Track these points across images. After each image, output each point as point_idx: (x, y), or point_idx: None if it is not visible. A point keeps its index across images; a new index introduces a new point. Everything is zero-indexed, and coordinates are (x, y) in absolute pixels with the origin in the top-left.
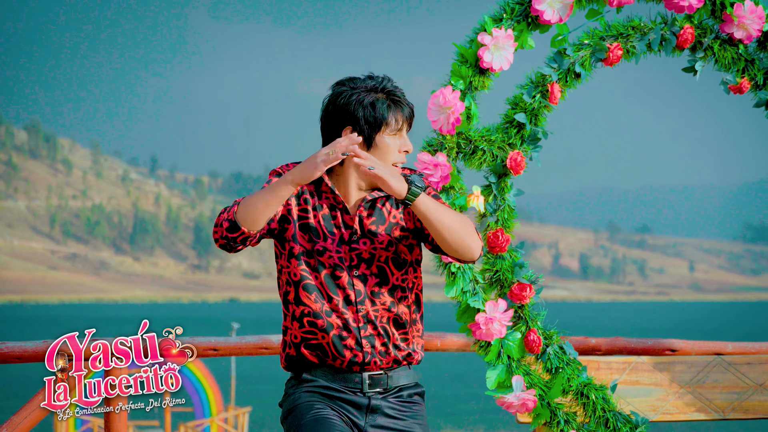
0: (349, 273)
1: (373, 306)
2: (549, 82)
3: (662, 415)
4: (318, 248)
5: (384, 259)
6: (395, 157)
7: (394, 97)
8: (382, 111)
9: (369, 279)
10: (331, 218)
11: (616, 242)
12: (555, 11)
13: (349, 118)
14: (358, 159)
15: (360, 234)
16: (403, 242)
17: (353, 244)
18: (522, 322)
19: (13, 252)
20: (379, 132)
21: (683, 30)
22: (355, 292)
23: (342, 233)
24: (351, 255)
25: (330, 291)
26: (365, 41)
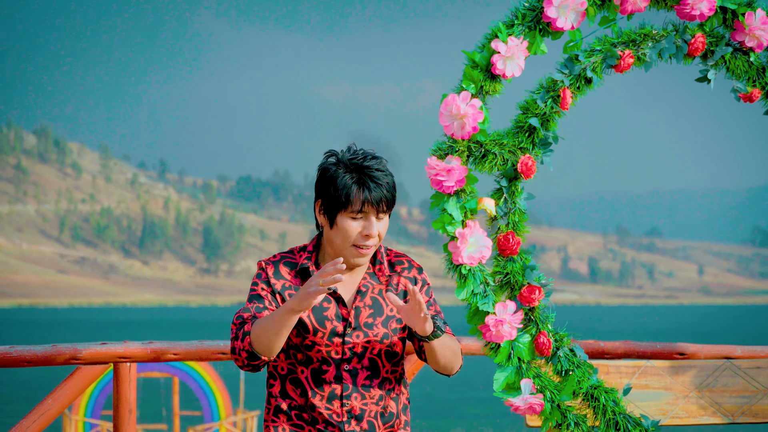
0: (339, 367)
1: (362, 401)
2: (560, 88)
3: (672, 418)
4: (307, 343)
5: (377, 352)
6: (354, 240)
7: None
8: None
9: (360, 373)
10: (323, 310)
11: (625, 246)
12: (567, 19)
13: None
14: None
15: (354, 327)
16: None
17: (347, 337)
18: (532, 325)
19: (23, 256)
20: (340, 212)
21: (694, 38)
22: (342, 387)
23: (335, 326)
24: (344, 348)
25: (315, 386)
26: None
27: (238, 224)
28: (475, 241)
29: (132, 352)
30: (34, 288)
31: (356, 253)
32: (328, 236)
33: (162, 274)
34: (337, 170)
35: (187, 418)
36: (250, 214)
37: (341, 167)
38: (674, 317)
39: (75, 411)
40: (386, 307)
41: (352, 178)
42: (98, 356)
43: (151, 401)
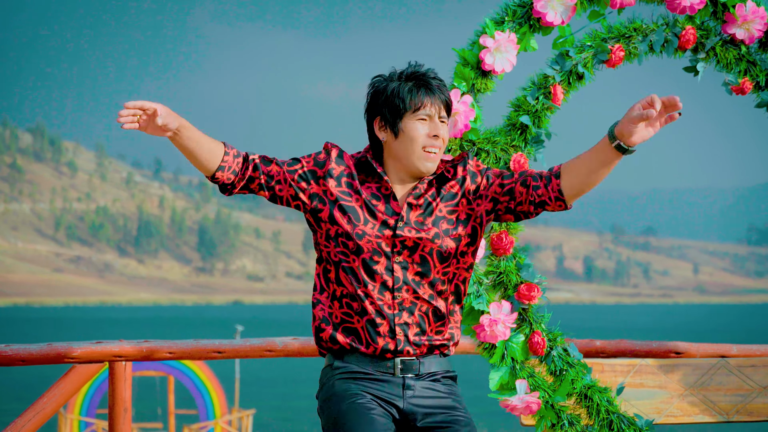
0: (389, 259)
1: (413, 294)
2: (552, 84)
3: (666, 417)
4: (357, 232)
5: (428, 250)
6: (423, 141)
7: (419, 81)
8: (403, 95)
9: (410, 267)
10: (373, 205)
11: (620, 244)
12: (557, 14)
13: (376, 110)
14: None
15: (405, 221)
16: (450, 235)
17: (398, 230)
18: (526, 324)
19: (18, 254)
20: (402, 118)
21: (685, 31)
22: (393, 279)
23: (386, 218)
24: (394, 241)
25: (366, 276)
26: (370, 44)
27: (233, 223)
28: None
29: (127, 350)
30: (29, 287)
31: (425, 158)
32: (393, 151)
33: (157, 273)
34: (391, 83)
35: (182, 417)
36: (246, 213)
37: (395, 80)
38: (669, 316)
39: (70, 410)
40: (436, 208)
41: (410, 82)
42: (93, 355)
43: (146, 400)
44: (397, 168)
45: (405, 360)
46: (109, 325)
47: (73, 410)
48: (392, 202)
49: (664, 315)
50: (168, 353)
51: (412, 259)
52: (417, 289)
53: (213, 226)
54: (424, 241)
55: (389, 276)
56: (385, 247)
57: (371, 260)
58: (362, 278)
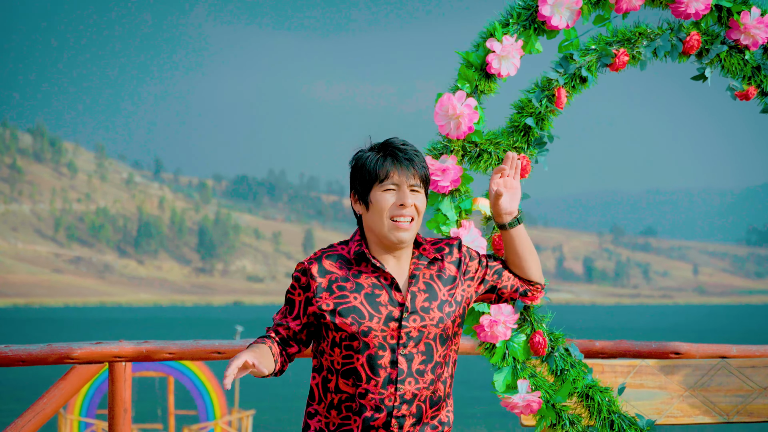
0: (394, 352)
1: (416, 385)
2: (555, 87)
3: (667, 418)
4: (363, 329)
5: (432, 336)
6: (391, 212)
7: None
8: (370, 167)
9: (415, 357)
10: (376, 296)
11: (620, 245)
12: (562, 17)
13: (353, 182)
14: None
15: (410, 311)
16: (451, 318)
17: (403, 321)
18: (527, 324)
19: (18, 255)
20: (371, 190)
21: (690, 36)
22: (397, 371)
23: (390, 311)
24: (400, 333)
25: (370, 372)
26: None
27: (233, 224)
28: (470, 240)
29: (127, 351)
30: (29, 287)
31: (395, 227)
32: (368, 223)
33: (157, 274)
34: (363, 155)
35: (182, 418)
36: (246, 213)
37: (368, 152)
38: (669, 316)
39: (70, 410)
40: (439, 291)
41: (379, 153)
42: (93, 355)
43: (146, 400)
44: (375, 242)
45: None
46: (109, 325)
47: (73, 411)
48: (394, 292)
49: (664, 316)
50: (168, 354)
51: (417, 349)
52: (419, 379)
53: (213, 227)
54: (428, 328)
55: (393, 369)
56: (390, 339)
57: (376, 355)
58: (365, 376)
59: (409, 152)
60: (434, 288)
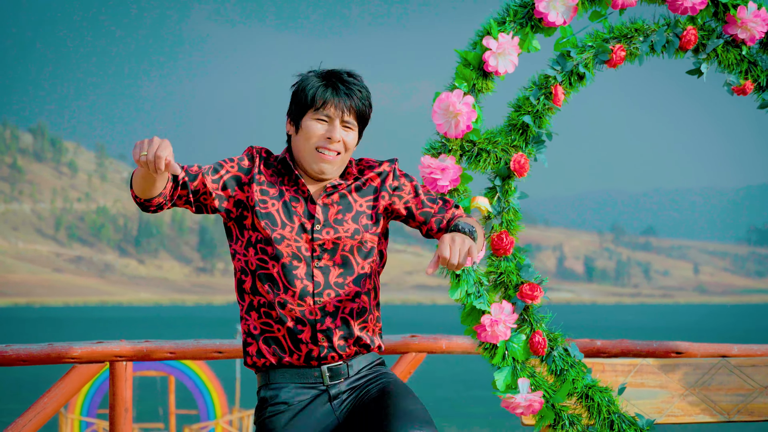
0: (309, 264)
1: (336, 297)
2: (552, 84)
3: (667, 417)
4: (276, 236)
5: (349, 248)
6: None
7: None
8: (312, 91)
9: (332, 270)
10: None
11: (620, 245)
12: (558, 14)
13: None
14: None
15: (323, 223)
16: (370, 231)
17: (315, 233)
18: (527, 324)
19: (18, 255)
20: (304, 115)
21: (686, 31)
22: (314, 284)
23: (303, 221)
24: (313, 245)
25: (287, 281)
26: (370, 45)
27: None
28: None
29: (128, 350)
30: (29, 287)
31: (319, 158)
32: (294, 146)
33: (158, 273)
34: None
35: (183, 417)
36: None
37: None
38: (670, 316)
39: (71, 410)
40: (355, 203)
41: (321, 81)
42: (94, 355)
43: (147, 400)
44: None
45: (331, 366)
46: (110, 325)
47: (74, 410)
48: (309, 204)
49: (665, 315)
50: (168, 353)
51: (333, 262)
52: (340, 291)
53: (213, 226)
54: (343, 240)
55: (309, 281)
56: (305, 251)
57: (291, 264)
58: (282, 284)
59: (351, 86)
60: (349, 200)
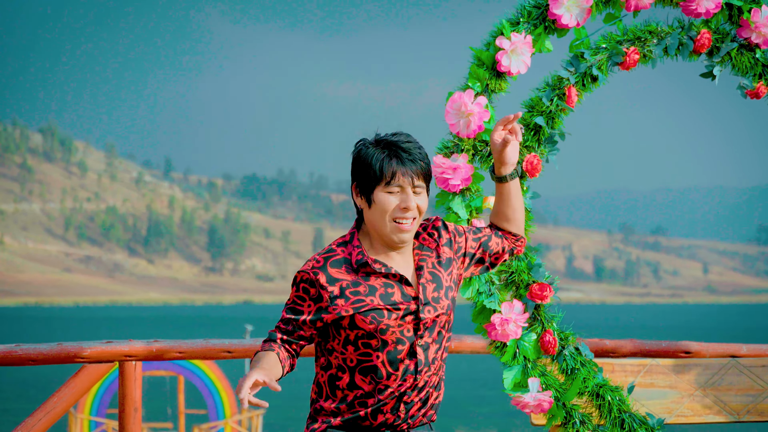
0: (412, 343)
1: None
2: (566, 86)
3: (677, 417)
4: (381, 327)
5: (443, 323)
6: (393, 213)
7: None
8: (378, 165)
9: (431, 346)
10: (389, 295)
11: (630, 244)
12: (572, 15)
13: (356, 175)
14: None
15: (424, 302)
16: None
17: (420, 314)
18: (538, 323)
19: (28, 254)
20: (376, 188)
21: (700, 35)
22: (416, 362)
23: (407, 305)
24: (418, 325)
25: (390, 368)
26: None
27: (243, 223)
28: None
29: (137, 350)
30: (39, 287)
31: (397, 229)
32: (369, 219)
33: (167, 273)
34: (367, 150)
35: (192, 417)
36: (255, 212)
37: (371, 146)
38: (679, 316)
39: (80, 409)
40: (443, 278)
41: (383, 152)
42: (103, 355)
43: (156, 400)
44: (376, 238)
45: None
46: (119, 324)
47: (84, 410)
48: (405, 287)
49: (674, 315)
50: (178, 353)
51: (432, 338)
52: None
53: (223, 226)
54: (441, 316)
55: (411, 360)
56: (408, 333)
57: (395, 350)
58: (385, 372)
59: (413, 152)
60: (438, 276)
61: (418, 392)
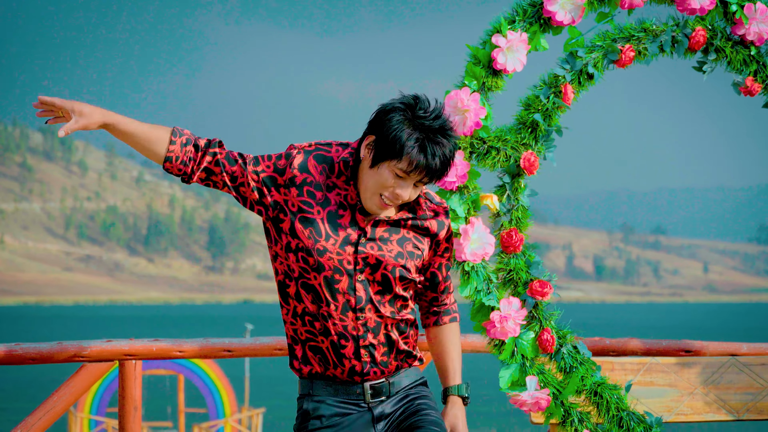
0: (351, 277)
1: (377, 313)
2: (562, 83)
3: (677, 415)
4: (318, 248)
5: (391, 268)
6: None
7: (426, 138)
8: (399, 144)
9: (372, 285)
10: (338, 216)
11: (630, 243)
12: (567, 13)
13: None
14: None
15: (369, 236)
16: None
17: (360, 246)
18: (536, 322)
19: (28, 254)
20: (384, 160)
21: (695, 32)
22: (356, 298)
23: (348, 233)
24: (356, 258)
25: (328, 294)
26: (380, 43)
27: (243, 222)
28: (478, 237)
29: (137, 349)
30: (39, 286)
31: (377, 203)
32: (362, 172)
33: (167, 272)
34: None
35: (192, 416)
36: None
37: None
38: (679, 315)
39: (80, 408)
40: (404, 230)
41: (416, 134)
42: (104, 354)
43: (156, 399)
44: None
45: (374, 384)
46: (119, 323)
47: (84, 409)
48: (358, 214)
49: (674, 314)
50: (178, 352)
51: (374, 277)
52: (380, 308)
53: (223, 225)
54: (386, 258)
55: (351, 295)
56: (347, 264)
57: (332, 278)
58: (324, 297)
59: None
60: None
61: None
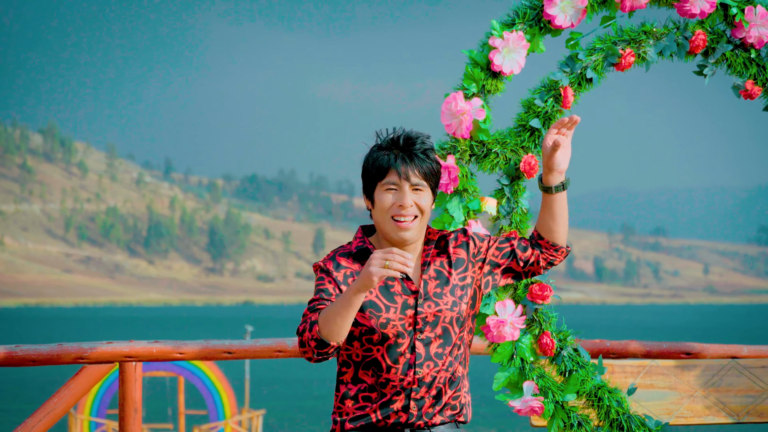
0: (412, 337)
1: (435, 368)
2: (561, 87)
3: (677, 418)
4: (381, 321)
5: (449, 320)
6: (391, 211)
7: (389, 149)
8: (373, 165)
9: (433, 341)
10: (389, 287)
11: (630, 245)
12: (567, 16)
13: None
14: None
15: (424, 297)
16: (465, 300)
17: (419, 308)
18: (535, 325)
19: (28, 255)
20: (374, 188)
21: (695, 35)
22: (415, 356)
23: (405, 299)
24: (416, 319)
25: (390, 361)
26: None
27: (243, 223)
28: None
29: (137, 351)
30: (39, 287)
31: (396, 227)
32: (375, 219)
33: (167, 274)
34: (373, 151)
35: (192, 417)
36: (255, 213)
37: (375, 148)
38: (680, 316)
39: (81, 410)
40: (450, 276)
41: (382, 150)
42: (104, 355)
43: (156, 400)
44: (384, 237)
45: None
46: (120, 325)
47: (84, 411)
48: (406, 282)
49: (675, 315)
50: (178, 354)
51: (434, 333)
52: (439, 362)
53: (223, 227)
54: (443, 312)
55: (411, 354)
56: (408, 327)
57: (395, 343)
58: (385, 365)
59: (412, 149)
60: (444, 274)
61: (427, 388)
